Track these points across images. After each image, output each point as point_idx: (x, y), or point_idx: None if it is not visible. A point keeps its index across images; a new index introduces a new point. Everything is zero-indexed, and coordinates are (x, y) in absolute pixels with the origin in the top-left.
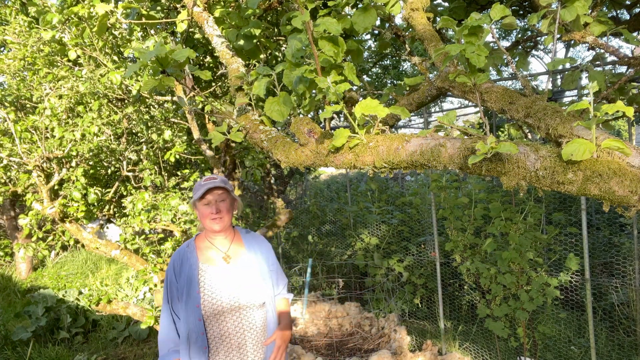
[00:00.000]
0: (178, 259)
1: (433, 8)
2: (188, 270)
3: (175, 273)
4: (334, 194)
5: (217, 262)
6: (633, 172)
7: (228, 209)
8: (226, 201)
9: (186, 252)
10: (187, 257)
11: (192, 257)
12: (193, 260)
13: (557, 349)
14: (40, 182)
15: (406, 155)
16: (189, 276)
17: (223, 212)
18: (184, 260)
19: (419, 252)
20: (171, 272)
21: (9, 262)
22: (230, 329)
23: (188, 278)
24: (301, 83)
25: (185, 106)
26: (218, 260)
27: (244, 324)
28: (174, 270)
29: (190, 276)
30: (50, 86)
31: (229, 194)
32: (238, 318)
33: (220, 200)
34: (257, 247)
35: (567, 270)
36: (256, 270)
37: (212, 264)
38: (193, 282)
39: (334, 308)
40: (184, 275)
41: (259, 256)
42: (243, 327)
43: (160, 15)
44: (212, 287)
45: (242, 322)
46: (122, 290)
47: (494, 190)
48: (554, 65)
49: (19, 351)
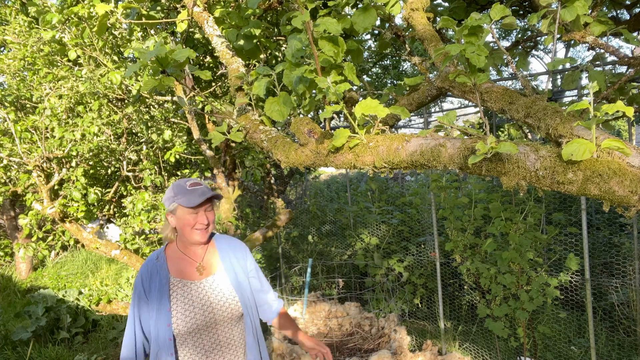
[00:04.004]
0: (147, 272)
1: (433, 8)
2: (158, 285)
3: (145, 288)
4: (334, 194)
5: (189, 275)
6: (633, 172)
7: (213, 218)
8: (212, 210)
9: (155, 265)
10: (156, 270)
11: (162, 271)
12: (163, 274)
13: (557, 349)
14: (40, 182)
15: (406, 155)
16: (160, 292)
17: (210, 223)
18: (153, 273)
19: (419, 252)
20: (140, 288)
21: (9, 262)
22: (206, 346)
23: (158, 294)
24: (301, 83)
25: (185, 106)
26: (191, 273)
27: (220, 340)
28: (143, 286)
29: (160, 292)
30: (50, 86)
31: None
32: (214, 335)
33: (208, 210)
34: (232, 254)
35: (567, 270)
36: (232, 281)
37: (184, 278)
38: (163, 298)
39: (334, 308)
40: (154, 290)
41: (235, 263)
42: (219, 344)
43: (160, 15)
44: (185, 303)
45: (218, 339)
46: (122, 290)
47: (494, 190)
48: (554, 65)
49: (19, 351)
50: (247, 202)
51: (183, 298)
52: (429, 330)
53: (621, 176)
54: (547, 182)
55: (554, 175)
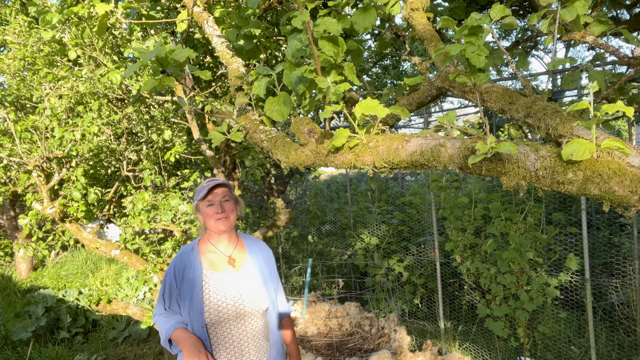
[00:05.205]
0: (181, 263)
1: (433, 8)
2: (192, 276)
3: (177, 277)
4: (334, 194)
5: (221, 268)
6: (633, 172)
7: (232, 209)
8: (230, 201)
9: (190, 256)
10: (190, 262)
11: (195, 262)
12: (197, 265)
13: (557, 349)
14: (40, 182)
15: (406, 155)
16: (192, 282)
17: (228, 211)
18: (187, 264)
19: (419, 252)
20: (171, 276)
21: (9, 262)
22: (234, 336)
23: (191, 284)
24: (301, 83)
25: (185, 106)
26: (222, 266)
27: (247, 331)
28: (175, 275)
29: (193, 282)
30: (50, 86)
31: (232, 194)
32: (242, 325)
33: (224, 200)
34: (259, 252)
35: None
36: (259, 275)
37: (216, 270)
38: (196, 288)
39: (334, 308)
40: (187, 280)
41: (261, 261)
42: (247, 335)
43: (160, 15)
44: (217, 294)
45: (246, 329)
46: (122, 290)
47: (494, 190)
48: (554, 65)
49: (19, 351)
50: (247, 202)
51: (215, 289)
52: (429, 330)
53: (621, 176)
54: (547, 182)
55: (554, 175)
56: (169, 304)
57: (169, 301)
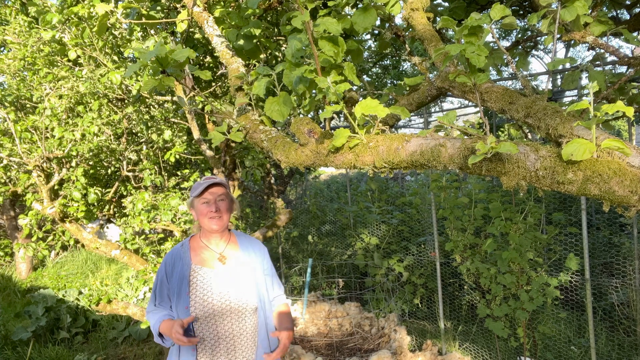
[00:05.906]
0: (170, 259)
1: (433, 8)
2: (180, 271)
3: (167, 273)
4: (334, 194)
5: (210, 264)
6: (633, 172)
7: (227, 209)
8: (225, 201)
9: (180, 252)
10: (180, 257)
11: (185, 257)
12: (186, 261)
13: (557, 349)
14: (40, 182)
15: (406, 155)
16: (181, 277)
17: (222, 210)
18: (177, 260)
19: (419, 252)
20: (162, 272)
21: (9, 262)
22: (220, 333)
23: (179, 279)
24: (301, 83)
25: (185, 106)
26: (212, 262)
27: (234, 329)
28: (166, 270)
29: (181, 276)
30: (50, 86)
31: (228, 195)
32: (229, 323)
33: (219, 200)
34: (252, 250)
35: (567, 270)
36: (249, 272)
37: (205, 266)
38: (184, 283)
39: (334, 308)
40: (176, 275)
41: (254, 259)
42: (233, 333)
43: (160, 15)
44: (203, 289)
45: (233, 327)
46: (122, 290)
47: (494, 190)
48: (554, 65)
49: (19, 351)
50: (247, 202)
51: (202, 284)
52: (429, 330)
53: (621, 176)
54: (547, 182)
55: (554, 175)
56: (159, 299)
57: (159, 297)
